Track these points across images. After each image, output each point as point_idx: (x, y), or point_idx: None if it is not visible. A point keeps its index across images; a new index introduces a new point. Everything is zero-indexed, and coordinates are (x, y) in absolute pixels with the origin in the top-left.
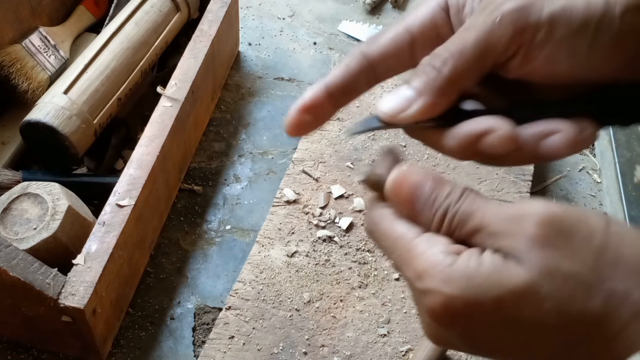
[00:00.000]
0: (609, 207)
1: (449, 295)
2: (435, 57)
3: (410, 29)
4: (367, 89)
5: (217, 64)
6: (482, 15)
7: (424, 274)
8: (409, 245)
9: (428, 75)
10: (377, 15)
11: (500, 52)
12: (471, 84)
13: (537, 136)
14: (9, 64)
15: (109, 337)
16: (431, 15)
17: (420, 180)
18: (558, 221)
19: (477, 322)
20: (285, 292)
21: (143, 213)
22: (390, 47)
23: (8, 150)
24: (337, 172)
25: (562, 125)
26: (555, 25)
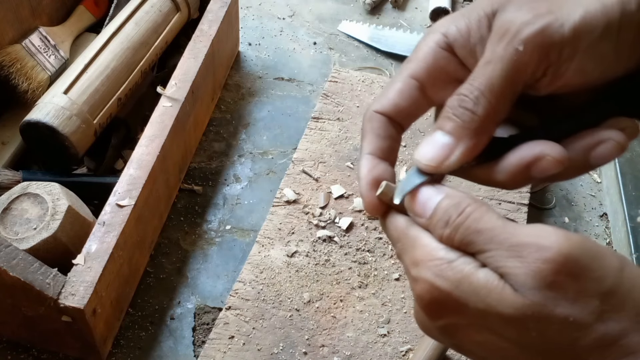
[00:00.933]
0: (609, 207)
1: (437, 287)
2: (464, 98)
3: (414, 76)
4: (400, 137)
5: (217, 64)
6: (500, 44)
7: (420, 262)
8: (415, 235)
9: (462, 118)
10: (377, 15)
11: (529, 76)
12: (506, 115)
13: (585, 149)
14: (9, 64)
15: (109, 337)
16: (432, 56)
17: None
18: (573, 261)
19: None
20: (285, 292)
21: (143, 213)
22: (401, 98)
23: (8, 150)
24: (337, 172)
25: (605, 133)
26: (580, 37)
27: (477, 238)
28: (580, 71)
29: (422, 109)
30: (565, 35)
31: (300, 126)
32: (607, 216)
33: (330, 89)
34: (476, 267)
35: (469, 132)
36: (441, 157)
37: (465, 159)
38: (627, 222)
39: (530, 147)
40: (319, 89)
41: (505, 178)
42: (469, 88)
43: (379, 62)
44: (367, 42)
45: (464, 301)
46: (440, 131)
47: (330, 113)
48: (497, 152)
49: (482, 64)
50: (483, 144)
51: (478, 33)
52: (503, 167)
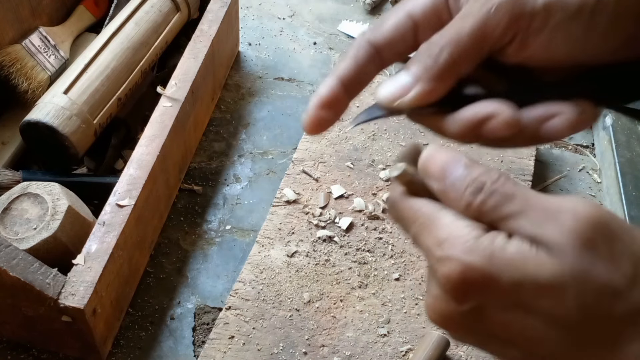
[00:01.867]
0: (609, 207)
1: (469, 265)
2: (432, 45)
3: (412, 15)
4: (376, 74)
5: (217, 64)
6: (477, 3)
7: (445, 241)
8: (434, 215)
9: (425, 63)
10: (377, 15)
11: (495, 40)
12: (468, 70)
13: (538, 119)
14: (9, 64)
15: (109, 337)
16: (431, 2)
17: (454, 156)
18: (605, 224)
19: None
20: (285, 292)
21: (143, 213)
22: (395, 33)
23: (8, 150)
24: (337, 172)
25: (562, 107)
26: (551, 11)
27: (511, 203)
28: (547, 46)
29: (410, 50)
30: (537, 7)
31: (300, 126)
32: None
33: None
34: (506, 239)
35: (427, 76)
36: (398, 94)
37: (419, 101)
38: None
39: (485, 104)
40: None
41: (456, 129)
42: (438, 37)
43: None
44: None
45: (497, 275)
46: (404, 71)
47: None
48: (457, 106)
49: (457, 17)
50: (438, 91)
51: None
52: (456, 118)
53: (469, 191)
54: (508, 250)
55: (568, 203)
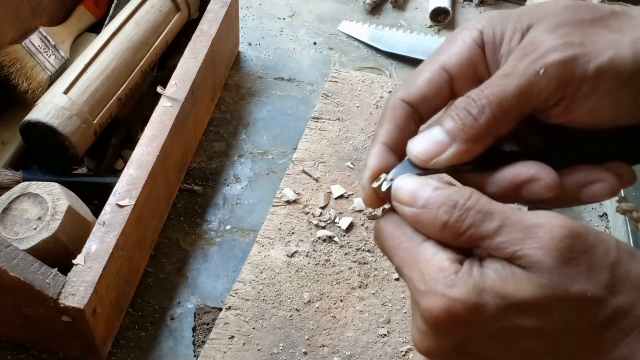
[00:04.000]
0: (609, 207)
1: (453, 299)
2: (471, 102)
3: (446, 68)
4: (418, 130)
5: (217, 64)
6: (523, 61)
7: (428, 277)
8: (415, 248)
9: (463, 121)
10: (377, 15)
11: (541, 102)
12: (508, 131)
13: (579, 184)
14: (9, 64)
15: (109, 337)
16: (467, 52)
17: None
18: (580, 237)
19: (477, 330)
20: (285, 292)
21: (143, 213)
22: (429, 89)
23: (8, 150)
24: (337, 172)
25: (603, 174)
26: (602, 78)
27: (490, 221)
28: (593, 111)
29: (446, 103)
30: (588, 73)
31: (300, 126)
32: (607, 216)
33: (330, 89)
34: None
35: (465, 136)
36: (433, 152)
37: (455, 160)
38: (627, 222)
39: (526, 166)
40: (319, 89)
41: (495, 191)
42: (479, 94)
43: (379, 62)
44: (367, 42)
45: (481, 305)
46: (439, 127)
47: (330, 113)
48: (494, 163)
49: (500, 73)
50: (477, 151)
51: (509, 45)
52: (496, 179)
53: (442, 210)
54: (488, 278)
55: (544, 218)
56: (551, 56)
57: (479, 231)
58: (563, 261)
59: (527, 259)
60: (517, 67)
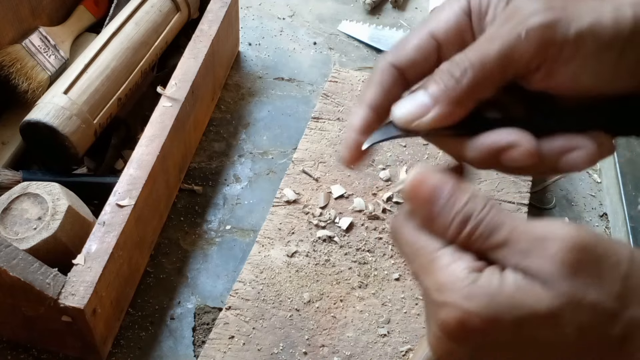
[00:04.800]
0: (609, 207)
1: (468, 311)
2: (454, 66)
3: (434, 34)
4: (402, 94)
5: (217, 64)
6: (505, 26)
7: (444, 287)
8: (432, 256)
9: (446, 84)
10: (377, 15)
11: (522, 66)
12: (490, 95)
13: (558, 151)
14: (9, 64)
15: (109, 337)
16: (455, 20)
17: (439, 182)
18: (590, 248)
19: (492, 341)
20: (285, 292)
21: (143, 213)
22: (418, 53)
23: (8, 150)
24: (337, 172)
25: (582, 141)
26: (582, 42)
27: (499, 232)
28: (574, 77)
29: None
30: (568, 37)
31: (300, 126)
32: (607, 216)
33: (330, 89)
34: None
35: (447, 98)
36: (415, 114)
37: (436, 123)
38: (627, 222)
39: (506, 133)
40: (319, 89)
41: (475, 155)
42: (462, 57)
43: None
44: (367, 42)
45: (498, 317)
46: (422, 90)
47: (330, 113)
48: (475, 129)
49: (483, 38)
50: (458, 114)
51: (494, 12)
52: (476, 144)
53: (457, 221)
54: (506, 288)
55: (553, 229)
56: (532, 19)
57: (487, 243)
58: (572, 272)
59: (536, 273)
60: (500, 31)
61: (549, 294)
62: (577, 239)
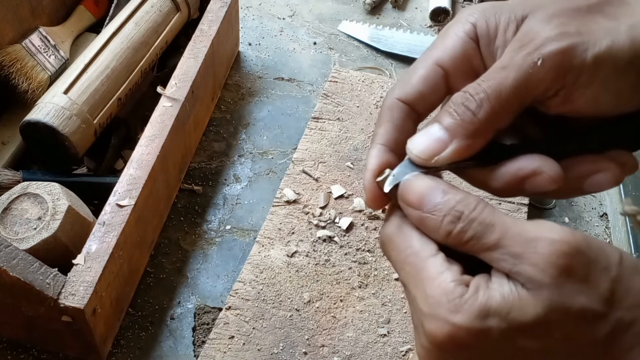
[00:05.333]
0: (609, 207)
1: (456, 325)
2: (469, 97)
3: (441, 64)
4: (416, 128)
5: (217, 64)
6: (520, 53)
7: (432, 299)
8: (421, 265)
9: (462, 117)
10: (377, 15)
11: (540, 93)
12: (507, 124)
13: (582, 175)
14: (9, 64)
15: (109, 337)
16: (461, 47)
17: (432, 184)
18: (581, 252)
19: (481, 352)
20: (285, 292)
21: (143, 213)
22: (425, 86)
23: (8, 150)
24: (337, 172)
25: (605, 164)
26: (601, 66)
27: (490, 233)
28: (593, 100)
29: (442, 99)
30: (586, 62)
31: (300, 126)
32: (607, 216)
33: (330, 89)
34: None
35: (465, 132)
36: (433, 151)
37: (456, 157)
38: (627, 222)
39: (529, 160)
40: (319, 89)
41: (499, 185)
42: (477, 88)
43: (379, 62)
44: (367, 42)
45: (485, 330)
46: (437, 124)
47: (330, 113)
48: (495, 157)
49: (497, 66)
50: (477, 146)
51: (504, 36)
52: (499, 174)
53: (447, 220)
54: (492, 302)
55: (544, 231)
56: (548, 47)
57: (479, 243)
58: (561, 277)
59: (524, 275)
60: (514, 59)
61: (537, 302)
62: (568, 243)
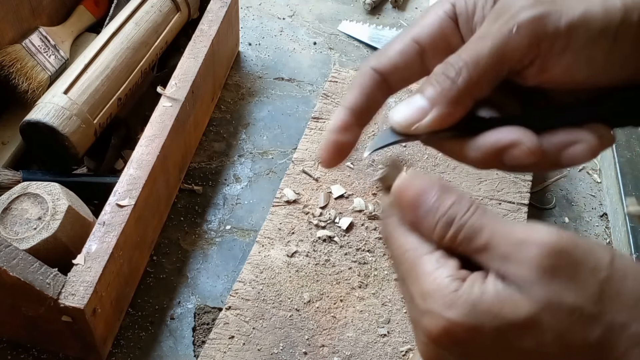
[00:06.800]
0: (609, 207)
1: (450, 321)
2: (449, 66)
3: (418, 40)
4: (385, 100)
5: (217, 64)
6: (496, 23)
7: (427, 294)
8: (417, 261)
9: (442, 85)
10: (377, 15)
11: (516, 61)
12: (486, 93)
13: (559, 146)
14: (9, 64)
15: (109, 337)
16: (439, 24)
17: (425, 186)
18: (568, 252)
19: (476, 348)
20: (285, 292)
21: (143, 213)
22: (400, 59)
23: (8, 150)
24: (337, 172)
25: (582, 134)
26: (574, 34)
27: (480, 236)
28: (567, 69)
29: (417, 75)
30: (560, 28)
31: (300, 126)
32: (607, 216)
33: (330, 89)
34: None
35: (445, 99)
36: (413, 118)
37: (435, 125)
38: (627, 222)
39: (507, 131)
40: (319, 89)
41: (476, 156)
42: (456, 58)
43: None
44: (367, 42)
45: (479, 325)
46: (419, 94)
47: (330, 113)
48: (474, 130)
49: (474, 38)
50: (457, 115)
51: (482, 12)
52: (477, 145)
53: (440, 225)
54: (486, 297)
55: (532, 233)
56: (522, 14)
57: (470, 246)
58: (548, 275)
59: (515, 279)
60: (490, 28)
61: (527, 301)
62: (555, 243)
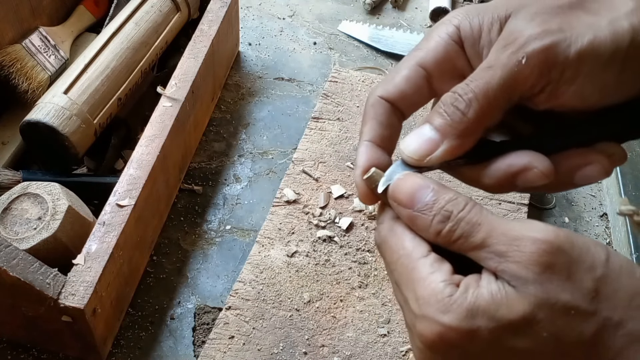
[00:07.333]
0: (609, 207)
1: (445, 325)
2: (458, 98)
3: (423, 64)
4: (401, 125)
5: (217, 64)
6: (505, 52)
7: (422, 299)
8: (411, 266)
9: (452, 117)
10: (377, 15)
11: (526, 90)
12: (496, 122)
13: (572, 168)
14: (9, 64)
15: (109, 337)
16: (444, 48)
17: (421, 183)
18: (564, 250)
19: (472, 352)
20: (285, 292)
21: (143, 213)
22: (407, 86)
23: (8, 150)
24: (337, 172)
25: (593, 156)
26: (584, 61)
27: (477, 232)
28: (579, 94)
29: (425, 99)
30: (569, 57)
31: (300, 126)
32: (607, 216)
33: (330, 89)
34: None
35: (455, 131)
36: (425, 151)
37: (447, 157)
38: (627, 222)
39: (520, 156)
40: (319, 89)
41: (491, 182)
42: (465, 88)
43: (379, 62)
44: (367, 42)
45: (474, 330)
46: (428, 125)
47: (330, 113)
48: (486, 155)
49: (483, 66)
50: (468, 145)
51: (488, 36)
52: (491, 171)
53: (437, 219)
54: (481, 302)
55: (528, 230)
56: (531, 45)
57: (467, 243)
58: (543, 274)
59: (509, 273)
60: (500, 58)
61: (523, 299)
62: (552, 241)
